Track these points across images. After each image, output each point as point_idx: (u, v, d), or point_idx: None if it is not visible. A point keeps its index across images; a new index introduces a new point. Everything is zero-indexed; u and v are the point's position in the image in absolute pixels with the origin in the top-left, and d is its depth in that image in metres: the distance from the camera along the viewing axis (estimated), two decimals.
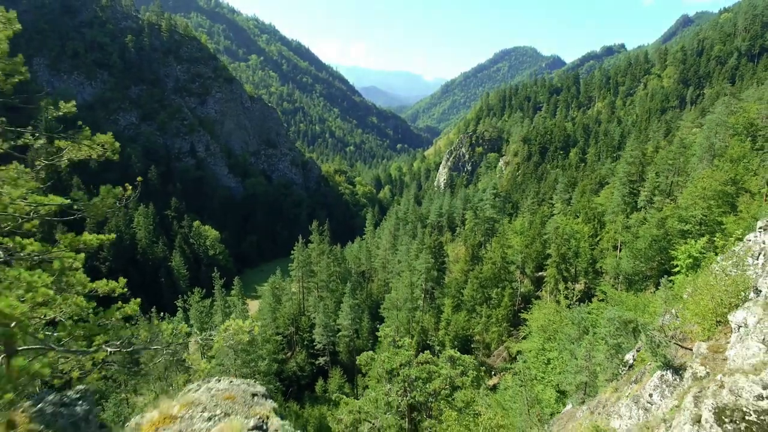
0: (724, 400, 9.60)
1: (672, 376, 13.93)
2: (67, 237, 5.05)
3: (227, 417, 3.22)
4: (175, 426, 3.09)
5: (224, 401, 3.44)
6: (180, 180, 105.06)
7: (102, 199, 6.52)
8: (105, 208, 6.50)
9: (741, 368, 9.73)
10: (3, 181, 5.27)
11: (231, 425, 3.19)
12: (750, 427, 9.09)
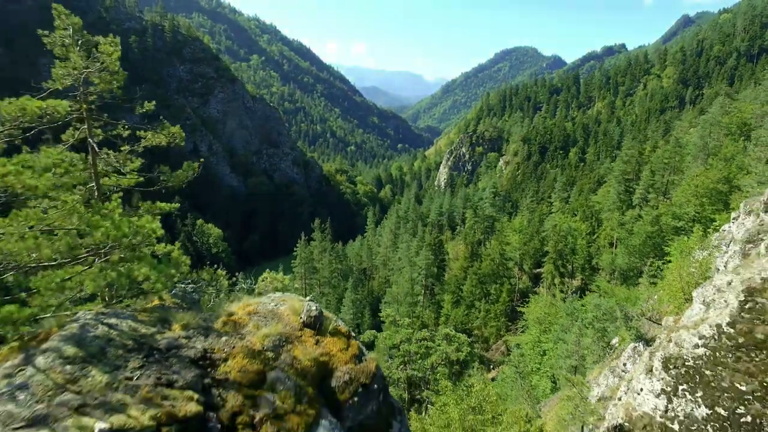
0: (670, 351, 11.42)
1: (643, 347, 15.70)
2: (146, 204, 6.71)
3: (287, 302, 4.99)
4: (253, 308, 4.82)
5: (281, 299, 5.17)
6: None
7: (184, 171, 8.35)
8: (185, 178, 8.32)
9: (685, 325, 11.55)
10: (106, 162, 7.03)
11: (293, 304, 4.91)
12: (688, 371, 10.91)
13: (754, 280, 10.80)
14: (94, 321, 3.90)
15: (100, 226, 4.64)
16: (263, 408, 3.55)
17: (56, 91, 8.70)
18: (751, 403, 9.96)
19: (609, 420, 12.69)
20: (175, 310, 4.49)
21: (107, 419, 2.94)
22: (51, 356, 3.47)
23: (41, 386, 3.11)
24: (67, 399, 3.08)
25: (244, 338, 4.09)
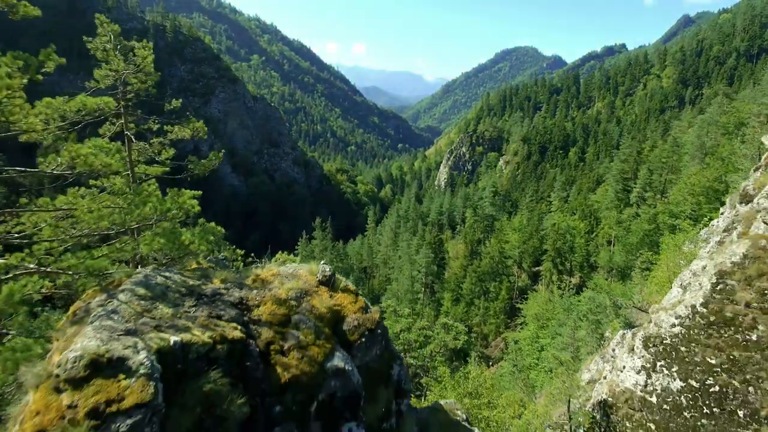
0: (650, 331, 12.38)
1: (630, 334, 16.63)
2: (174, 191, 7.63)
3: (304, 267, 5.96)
4: (276, 271, 5.77)
5: (299, 266, 6.15)
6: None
7: (209, 160, 9.31)
8: (210, 167, 9.27)
9: (664, 307, 12.51)
10: (141, 151, 7.98)
11: (310, 267, 5.88)
12: (665, 348, 11.88)
13: (725, 264, 11.76)
14: (153, 274, 4.88)
15: (149, 201, 5.64)
16: (290, 340, 4.52)
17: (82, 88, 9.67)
18: (719, 374, 10.92)
19: (595, 396, 13.64)
20: (213, 270, 5.46)
21: (178, 335, 3.90)
22: (128, 294, 4.43)
23: (126, 312, 4.08)
24: (146, 321, 4.04)
25: (271, 290, 5.05)
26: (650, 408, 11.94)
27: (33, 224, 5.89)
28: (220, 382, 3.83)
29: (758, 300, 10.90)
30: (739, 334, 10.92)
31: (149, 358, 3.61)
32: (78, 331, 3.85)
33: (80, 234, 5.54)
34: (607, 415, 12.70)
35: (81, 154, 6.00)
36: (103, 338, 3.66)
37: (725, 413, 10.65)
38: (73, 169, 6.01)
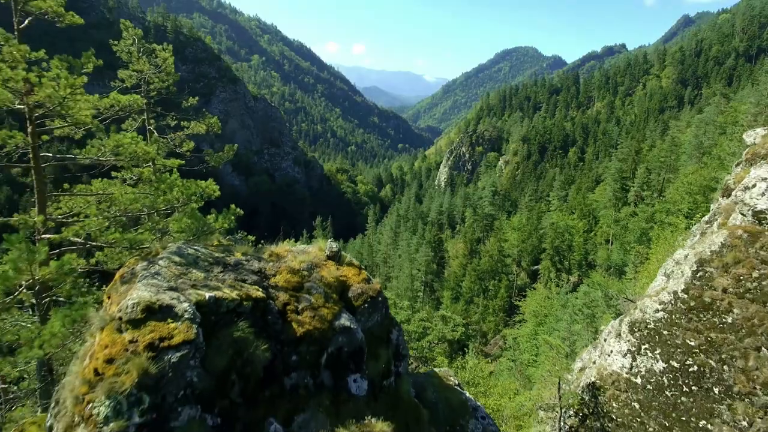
0: (636, 317, 13.14)
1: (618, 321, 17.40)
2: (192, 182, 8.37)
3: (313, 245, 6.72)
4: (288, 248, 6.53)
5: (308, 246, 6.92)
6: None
7: (225, 152, 10.09)
8: (225, 159, 10.04)
9: (649, 294, 13.27)
10: (158, 145, 8.72)
11: (318, 245, 6.65)
12: (650, 332, 12.64)
13: (705, 253, 12.52)
14: (185, 246, 5.64)
15: (175, 186, 6.43)
16: (303, 302, 5.27)
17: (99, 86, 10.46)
18: (697, 355, 11.67)
19: (584, 380, 14.38)
20: (233, 246, 6.22)
21: (211, 292, 4.67)
22: (166, 261, 5.20)
23: (167, 274, 4.83)
24: (184, 281, 4.78)
25: (285, 262, 5.80)
26: (635, 388, 12.70)
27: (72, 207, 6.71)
28: (246, 331, 4.58)
29: (734, 286, 11.66)
30: (716, 318, 11.68)
31: (191, 307, 4.38)
32: (130, 287, 4.62)
33: (117, 215, 6.34)
34: (595, 396, 13.45)
35: (124, 143, 6.80)
36: (152, 291, 4.43)
37: (702, 390, 11.41)
38: (117, 156, 6.81)
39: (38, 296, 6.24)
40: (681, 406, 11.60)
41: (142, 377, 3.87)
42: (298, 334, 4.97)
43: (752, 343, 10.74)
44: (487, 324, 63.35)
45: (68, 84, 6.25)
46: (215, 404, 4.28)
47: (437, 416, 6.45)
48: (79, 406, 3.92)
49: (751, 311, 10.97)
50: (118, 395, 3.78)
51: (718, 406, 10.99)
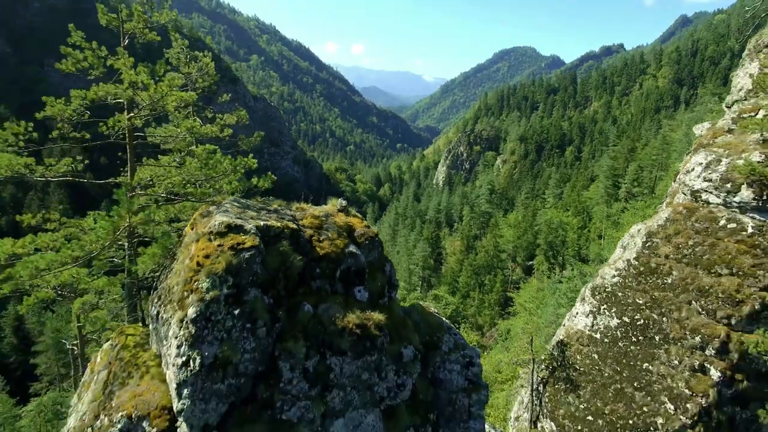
0: (597, 283, 15.51)
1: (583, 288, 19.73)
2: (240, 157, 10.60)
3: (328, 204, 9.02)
4: (309, 206, 8.86)
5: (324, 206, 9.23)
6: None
7: (255, 137, 12.35)
8: (254, 143, 12.34)
9: (608, 263, 15.62)
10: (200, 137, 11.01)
11: (332, 202, 8.96)
12: (608, 295, 15.00)
13: (653, 227, 14.89)
14: (237, 198, 7.94)
15: (226, 159, 8.76)
16: (323, 235, 7.56)
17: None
18: (644, 311, 14.03)
19: (554, 338, 16.72)
20: (270, 201, 8.51)
21: (264, 222, 6.96)
22: (229, 204, 7.49)
23: (232, 211, 7.13)
24: (244, 215, 7.07)
25: (309, 212, 8.10)
26: (595, 342, 15.06)
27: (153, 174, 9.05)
28: (287, 248, 6.85)
29: (674, 253, 14.03)
30: (660, 279, 14.04)
31: (254, 227, 6.67)
32: (210, 218, 6.89)
33: (187, 180, 8.66)
34: (562, 351, 15.79)
35: (195, 126, 9.10)
36: (228, 217, 6.71)
37: (647, 339, 13.77)
38: (192, 134, 9.15)
39: (130, 238, 8.55)
40: (630, 354, 13.98)
41: (228, 266, 6.16)
42: (320, 254, 7.26)
43: (685, 298, 13.13)
44: (483, 317, 65.59)
45: (170, 84, 8.50)
46: (269, 291, 6.55)
47: (420, 329, 8.75)
48: (188, 285, 6.20)
49: (686, 273, 13.36)
50: (214, 275, 6.07)
51: (657, 351, 13.37)
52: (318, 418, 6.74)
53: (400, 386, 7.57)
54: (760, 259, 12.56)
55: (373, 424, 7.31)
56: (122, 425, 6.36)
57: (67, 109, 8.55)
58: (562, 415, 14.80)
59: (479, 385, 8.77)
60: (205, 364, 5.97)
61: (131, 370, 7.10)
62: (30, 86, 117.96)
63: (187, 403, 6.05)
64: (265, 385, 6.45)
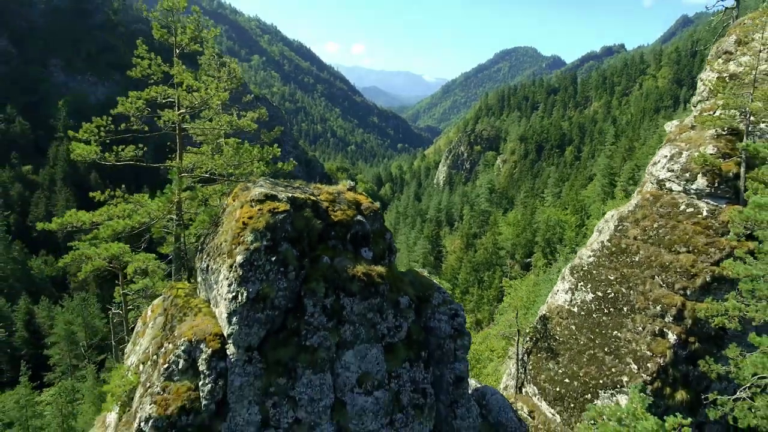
0: (575, 263, 17.47)
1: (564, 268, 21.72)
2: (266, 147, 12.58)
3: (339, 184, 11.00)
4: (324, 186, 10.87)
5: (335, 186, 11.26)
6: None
7: (275, 132, 14.33)
8: (275, 136, 14.33)
9: (586, 246, 17.60)
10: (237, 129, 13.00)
11: (342, 183, 10.91)
12: (584, 273, 16.97)
13: (624, 212, 16.89)
14: (267, 178, 9.93)
15: (255, 148, 10.76)
16: (336, 206, 9.55)
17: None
18: (614, 285, 16.01)
19: (538, 314, 18.69)
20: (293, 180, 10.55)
21: (292, 194, 8.99)
22: (263, 181, 9.54)
23: (266, 186, 9.18)
24: (276, 189, 9.13)
25: (324, 190, 10.11)
26: (573, 315, 17.04)
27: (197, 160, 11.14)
28: (310, 214, 8.81)
29: (641, 234, 16.01)
30: (628, 258, 16.03)
31: (285, 197, 8.70)
32: (249, 191, 8.90)
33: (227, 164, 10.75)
34: (545, 324, 17.76)
35: (233, 120, 11.13)
36: (265, 189, 8.71)
37: (616, 310, 15.75)
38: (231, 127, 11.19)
39: (179, 210, 10.56)
40: (602, 323, 15.97)
41: (266, 224, 8.14)
42: (335, 220, 9.24)
43: (649, 274, 15.14)
44: (482, 312, 67.46)
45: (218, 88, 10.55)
46: (297, 245, 8.52)
47: (414, 286, 10.71)
48: (236, 239, 8.17)
49: (650, 251, 15.36)
50: (256, 231, 8.04)
51: (625, 320, 15.36)
52: (333, 346, 8.76)
53: (398, 327, 9.57)
54: (712, 239, 14.53)
55: (376, 355, 9.33)
56: (185, 347, 8.36)
57: (132, 106, 10.46)
58: (543, 379, 16.78)
59: (463, 333, 10.76)
60: (250, 298, 7.99)
61: (186, 311, 9.11)
62: (33, 86, 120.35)
63: (236, 329, 8.07)
64: (293, 317, 8.46)
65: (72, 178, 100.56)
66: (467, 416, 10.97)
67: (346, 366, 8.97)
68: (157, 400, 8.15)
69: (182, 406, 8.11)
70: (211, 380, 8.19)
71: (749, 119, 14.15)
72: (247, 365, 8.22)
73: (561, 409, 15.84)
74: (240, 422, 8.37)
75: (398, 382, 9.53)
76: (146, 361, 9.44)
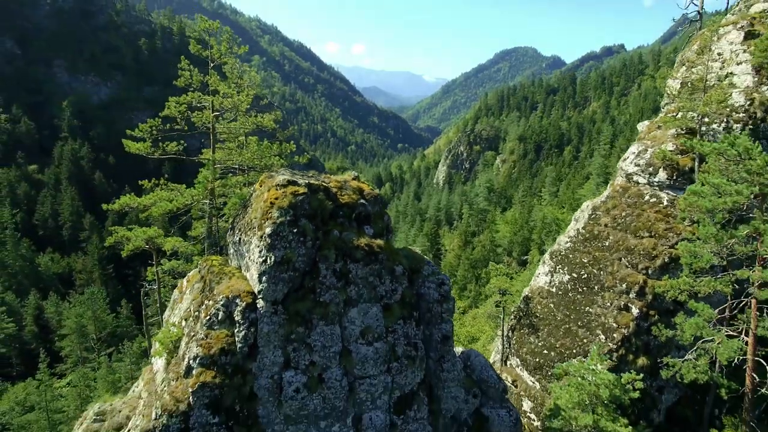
0: (554, 248, 19.64)
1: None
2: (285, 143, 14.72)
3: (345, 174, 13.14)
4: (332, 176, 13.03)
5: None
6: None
7: (290, 130, 16.52)
8: (288, 135, 16.54)
9: (564, 233, 19.75)
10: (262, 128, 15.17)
11: (348, 173, 13.08)
12: (561, 257, 19.13)
13: (597, 203, 19.07)
14: (288, 168, 12.05)
15: (274, 146, 12.99)
16: (343, 191, 11.75)
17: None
18: (587, 267, 18.17)
19: (522, 295, 20.85)
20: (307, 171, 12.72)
21: (308, 180, 11.16)
22: (284, 170, 11.70)
23: (286, 174, 11.32)
24: (296, 176, 11.27)
25: (333, 178, 12.32)
26: (552, 295, 19.20)
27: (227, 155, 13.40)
28: (323, 197, 10.92)
29: (611, 222, 18.18)
30: (600, 243, 18.19)
31: (304, 182, 10.88)
32: (274, 178, 11.09)
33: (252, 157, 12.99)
34: (527, 304, 19.93)
35: (259, 120, 13.35)
36: (287, 176, 10.90)
37: (588, 289, 17.90)
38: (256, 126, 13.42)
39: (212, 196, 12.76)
40: (576, 301, 18.14)
41: (289, 203, 10.29)
42: (342, 202, 11.41)
43: (617, 256, 17.32)
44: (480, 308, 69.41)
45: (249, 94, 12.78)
46: (313, 220, 10.66)
47: (408, 259, 12.88)
48: (265, 215, 10.32)
49: (618, 237, 17.54)
50: (281, 208, 10.19)
51: (596, 297, 17.54)
52: (341, 303, 10.95)
53: (394, 290, 11.75)
54: (671, 225, 16.69)
55: (376, 313, 11.52)
56: (223, 302, 10.55)
57: (176, 110, 12.64)
58: (524, 352, 18.93)
59: (448, 298, 12.93)
60: (276, 261, 10.18)
61: (221, 275, 11.30)
62: (38, 86, 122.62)
63: (265, 286, 10.26)
64: (310, 278, 10.66)
65: (77, 177, 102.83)
66: (452, 369, 13.15)
67: (351, 320, 11.16)
68: (201, 344, 10.34)
69: (222, 348, 10.29)
70: (244, 328, 10.38)
71: (701, 120, 16.30)
72: (273, 316, 10.41)
73: (540, 377, 18.00)
74: (267, 363, 10.56)
75: (394, 336, 11.71)
76: (188, 318, 11.62)
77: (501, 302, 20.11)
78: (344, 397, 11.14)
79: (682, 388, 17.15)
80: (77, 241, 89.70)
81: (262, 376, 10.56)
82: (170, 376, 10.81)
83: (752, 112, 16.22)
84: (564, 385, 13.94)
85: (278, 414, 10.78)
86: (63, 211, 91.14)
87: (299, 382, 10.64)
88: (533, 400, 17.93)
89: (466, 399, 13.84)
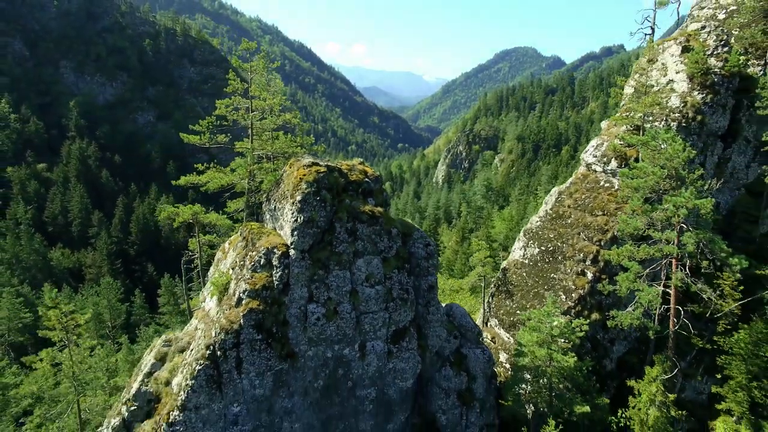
0: (528, 226, 23.46)
1: None
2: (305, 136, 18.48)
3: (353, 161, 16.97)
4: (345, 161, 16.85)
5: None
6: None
7: (307, 125, 20.30)
8: (304, 129, 20.35)
9: (536, 214, 23.54)
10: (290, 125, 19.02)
11: (355, 159, 16.87)
12: (533, 234, 22.91)
13: (562, 188, 22.92)
14: (309, 154, 15.95)
15: (298, 137, 16.81)
16: (352, 171, 15.64)
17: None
18: (553, 242, 22.01)
19: (501, 266, 24.70)
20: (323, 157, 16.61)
21: (326, 163, 14.99)
22: (308, 155, 15.57)
23: (310, 158, 15.15)
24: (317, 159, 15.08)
25: (343, 163, 16.19)
26: (525, 266, 23.04)
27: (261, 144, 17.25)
28: (338, 176, 14.68)
29: (573, 204, 22.02)
30: (563, 221, 22.03)
31: (324, 164, 14.75)
32: (301, 160, 14.91)
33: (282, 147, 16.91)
34: (505, 275, 23.76)
35: (290, 118, 17.24)
36: (311, 159, 14.73)
37: (554, 259, 21.74)
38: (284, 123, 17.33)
39: (251, 176, 16.59)
40: (544, 269, 21.99)
41: (313, 178, 14.07)
42: (352, 179, 15.25)
43: (576, 231, 21.17)
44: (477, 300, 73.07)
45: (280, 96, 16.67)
46: (330, 192, 14.55)
47: (402, 225, 16.75)
48: (296, 187, 14.18)
49: (578, 216, 21.40)
50: (308, 182, 13.99)
51: (559, 265, 21.38)
52: (351, 253, 14.83)
53: (390, 247, 15.62)
54: (620, 205, 20.53)
55: (377, 263, 15.39)
56: (264, 251, 14.42)
57: (225, 109, 16.49)
58: (502, 313, 22.76)
59: (433, 255, 16.80)
60: (304, 220, 14.05)
61: (261, 234, 15.17)
62: (46, 87, 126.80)
63: (296, 239, 14.13)
64: (328, 234, 14.55)
65: (84, 175, 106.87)
66: (436, 313, 17.03)
67: (358, 268, 15.04)
68: (248, 282, 14.21)
69: (263, 285, 14.17)
70: (280, 270, 14.25)
71: (645, 119, 20.12)
72: (301, 261, 14.28)
73: (514, 333, 21.81)
74: (296, 297, 14.43)
75: (391, 282, 15.59)
76: (234, 267, 15.49)
77: (483, 274, 23.95)
78: (353, 326, 15.01)
79: (630, 341, 21.01)
80: (86, 237, 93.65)
81: (292, 306, 14.43)
82: (223, 307, 14.65)
83: (685, 112, 20.01)
84: (526, 328, 17.78)
85: (303, 337, 14.65)
86: (72, 207, 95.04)
87: (319, 312, 14.51)
88: (508, 352, 21.75)
89: (448, 339, 17.72)
